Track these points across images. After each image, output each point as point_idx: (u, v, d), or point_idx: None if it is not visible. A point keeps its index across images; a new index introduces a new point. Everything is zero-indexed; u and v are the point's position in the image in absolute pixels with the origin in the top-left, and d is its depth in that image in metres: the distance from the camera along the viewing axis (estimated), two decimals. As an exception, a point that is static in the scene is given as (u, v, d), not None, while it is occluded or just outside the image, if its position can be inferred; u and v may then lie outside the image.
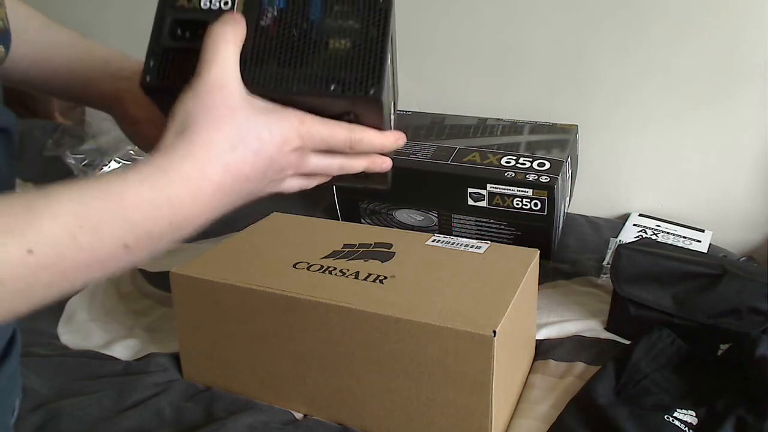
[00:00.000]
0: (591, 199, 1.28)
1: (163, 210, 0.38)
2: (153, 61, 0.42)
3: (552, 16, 1.21)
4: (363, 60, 0.41)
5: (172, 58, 0.42)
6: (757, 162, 1.17)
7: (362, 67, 0.41)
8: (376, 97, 0.41)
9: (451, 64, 1.32)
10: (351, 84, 0.41)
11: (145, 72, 0.42)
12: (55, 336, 0.89)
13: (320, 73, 0.42)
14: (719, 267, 0.83)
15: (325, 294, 0.69)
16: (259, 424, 0.71)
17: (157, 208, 0.38)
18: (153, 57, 0.42)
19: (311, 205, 1.28)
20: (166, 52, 0.42)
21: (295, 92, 0.42)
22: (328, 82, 0.41)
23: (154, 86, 0.42)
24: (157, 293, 0.99)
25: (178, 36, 0.43)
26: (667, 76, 1.17)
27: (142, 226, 0.37)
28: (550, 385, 0.78)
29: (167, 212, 0.38)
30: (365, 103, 0.42)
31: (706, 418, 0.68)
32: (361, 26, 0.42)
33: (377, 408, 0.70)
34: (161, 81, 0.42)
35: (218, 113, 0.40)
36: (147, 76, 0.42)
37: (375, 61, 0.41)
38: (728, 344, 0.79)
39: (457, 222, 1.10)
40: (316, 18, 0.42)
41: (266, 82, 0.42)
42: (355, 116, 0.44)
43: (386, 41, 0.42)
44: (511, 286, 0.70)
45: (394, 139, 0.48)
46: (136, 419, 0.72)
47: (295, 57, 0.42)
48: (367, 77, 0.41)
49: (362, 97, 0.41)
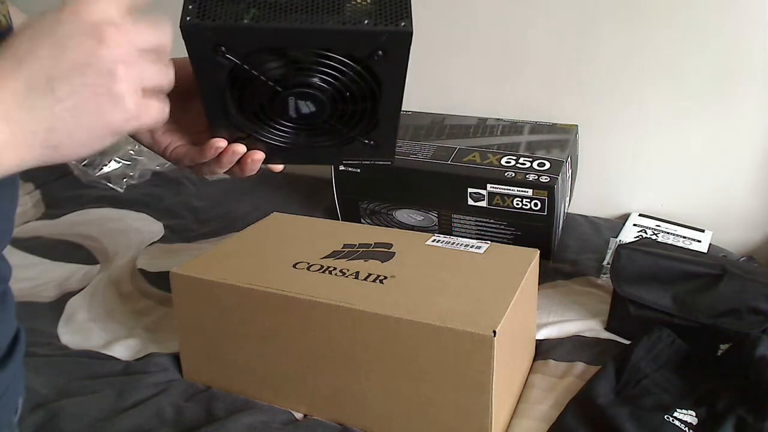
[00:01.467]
0: (591, 199, 1.28)
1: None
2: (191, 3, 0.43)
3: (552, 16, 1.21)
4: (389, 5, 0.44)
5: (209, 3, 0.43)
6: (757, 162, 1.17)
7: (390, 7, 0.44)
8: (406, 29, 0.43)
9: (451, 64, 1.32)
10: (382, 19, 0.43)
11: (184, 14, 0.43)
12: (55, 336, 0.89)
13: (349, 15, 0.43)
14: (719, 267, 0.83)
15: (325, 294, 0.69)
16: (259, 424, 0.71)
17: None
18: (191, 1, 0.43)
19: (311, 205, 1.29)
20: None
21: (330, 26, 0.43)
22: (360, 17, 0.43)
23: (194, 25, 0.43)
24: (157, 293, 0.99)
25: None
26: (668, 77, 1.17)
27: None
28: (550, 385, 0.78)
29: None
30: (396, 37, 0.44)
31: (706, 418, 0.68)
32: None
33: (377, 408, 0.70)
34: (200, 18, 0.42)
35: None
36: (187, 16, 0.43)
37: (402, 3, 0.44)
38: (728, 344, 0.79)
39: (457, 222, 1.10)
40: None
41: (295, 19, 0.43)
42: (383, 55, 0.45)
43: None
44: (511, 286, 0.70)
45: None
46: (136, 419, 0.72)
47: (322, 7, 0.43)
48: (397, 13, 0.43)
49: (393, 29, 0.43)
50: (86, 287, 1.01)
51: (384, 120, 0.50)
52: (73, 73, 0.36)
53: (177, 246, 1.16)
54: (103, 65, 0.37)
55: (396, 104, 0.49)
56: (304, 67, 0.46)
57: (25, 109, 0.36)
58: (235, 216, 1.24)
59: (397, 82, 0.47)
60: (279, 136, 0.51)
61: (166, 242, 1.17)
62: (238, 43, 0.44)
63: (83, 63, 0.36)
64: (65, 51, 0.36)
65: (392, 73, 0.47)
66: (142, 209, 1.29)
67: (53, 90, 0.36)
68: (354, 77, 0.46)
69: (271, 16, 0.43)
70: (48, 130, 0.36)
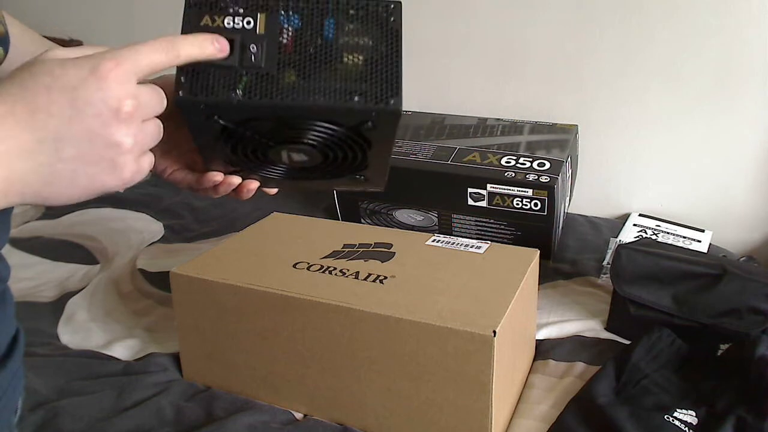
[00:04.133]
0: (591, 199, 1.28)
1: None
2: (184, 77, 0.44)
3: (552, 16, 1.21)
4: (380, 74, 0.44)
5: (203, 73, 0.44)
6: (757, 162, 1.17)
7: (380, 80, 0.44)
8: (395, 108, 0.44)
9: (451, 64, 1.32)
10: (372, 96, 0.44)
11: (177, 87, 0.44)
12: (55, 336, 0.89)
13: (339, 86, 0.44)
14: (719, 267, 0.83)
15: (325, 294, 0.69)
16: (259, 424, 0.71)
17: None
18: (184, 74, 0.44)
19: (311, 205, 1.29)
20: (195, 67, 0.44)
21: (322, 104, 0.44)
22: (351, 94, 0.44)
23: (188, 101, 0.44)
24: (157, 293, 0.99)
25: None
26: (668, 76, 1.17)
27: None
28: (550, 385, 0.78)
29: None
30: (385, 115, 0.44)
31: (706, 418, 0.68)
32: (374, 44, 0.45)
33: (377, 408, 0.70)
34: (194, 95, 0.44)
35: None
36: (180, 91, 0.44)
37: (392, 75, 0.44)
38: (728, 344, 0.79)
39: (457, 222, 1.10)
40: (331, 36, 0.45)
41: (287, 94, 0.44)
42: (372, 125, 0.46)
43: (399, 56, 0.45)
44: (511, 286, 0.70)
45: None
46: (136, 419, 0.72)
47: (313, 71, 0.44)
48: (386, 89, 0.44)
49: (383, 108, 0.44)
50: (86, 287, 1.01)
51: (375, 161, 0.51)
52: (83, 139, 0.37)
53: (177, 246, 1.16)
54: (113, 138, 0.38)
55: (387, 153, 0.50)
56: (296, 126, 0.47)
57: (29, 162, 0.36)
58: (235, 216, 1.24)
59: (387, 141, 0.49)
60: (272, 174, 0.53)
61: (166, 242, 1.17)
62: (231, 114, 0.45)
63: (95, 132, 0.37)
64: (82, 117, 0.37)
65: (382, 137, 0.48)
66: (142, 209, 1.29)
67: (59, 150, 0.37)
68: (344, 138, 0.47)
69: (261, 87, 0.43)
70: (44, 184, 0.37)
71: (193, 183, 0.53)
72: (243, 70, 0.43)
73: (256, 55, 0.44)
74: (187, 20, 0.44)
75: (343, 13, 0.45)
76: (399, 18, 0.45)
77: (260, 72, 0.44)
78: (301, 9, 0.45)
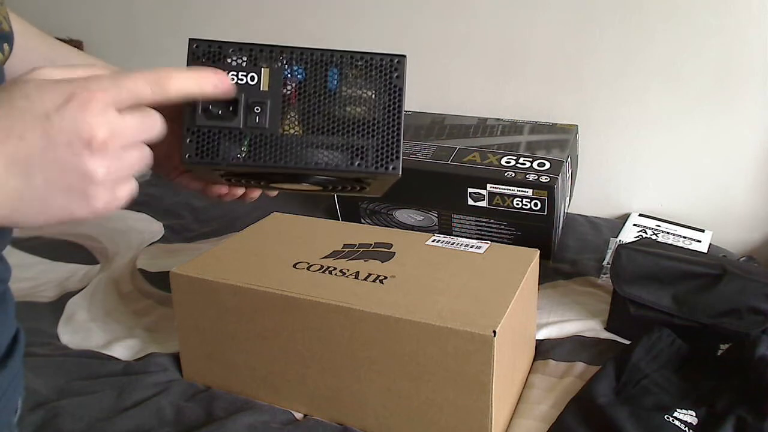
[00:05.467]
0: (591, 199, 1.28)
1: None
2: (190, 138, 0.45)
3: (552, 16, 1.21)
4: (381, 134, 0.45)
5: (208, 135, 0.45)
6: (757, 162, 1.17)
7: (381, 141, 0.45)
8: (395, 173, 0.45)
9: (451, 64, 1.32)
10: (372, 160, 0.45)
11: (184, 150, 0.45)
12: (55, 336, 0.89)
13: (341, 142, 0.45)
14: (719, 267, 0.83)
15: (325, 294, 0.69)
16: (259, 424, 0.71)
17: None
18: (189, 135, 0.45)
19: (311, 205, 1.29)
20: (200, 129, 0.45)
21: (323, 166, 0.45)
22: (352, 156, 0.45)
23: (193, 162, 0.45)
24: (157, 293, 0.99)
25: (210, 113, 0.45)
26: (668, 76, 1.17)
27: None
28: (550, 385, 0.78)
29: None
30: (384, 177, 0.46)
31: (706, 418, 0.68)
32: (377, 98, 0.45)
33: (377, 408, 0.70)
34: (200, 158, 0.45)
35: None
36: (186, 154, 0.45)
37: (392, 136, 0.45)
38: (728, 344, 0.79)
39: (457, 222, 1.10)
40: (334, 86, 0.45)
41: (290, 156, 0.45)
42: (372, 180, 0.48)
43: (401, 115, 0.46)
44: (511, 286, 0.70)
45: None
46: (136, 419, 0.72)
47: (316, 123, 0.45)
48: (387, 153, 0.45)
49: (383, 173, 0.45)
50: (86, 287, 1.01)
51: (373, 189, 0.53)
52: (53, 168, 0.36)
53: (177, 246, 1.16)
54: (84, 168, 0.37)
55: (386, 186, 0.52)
56: (297, 177, 0.48)
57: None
58: (235, 216, 1.24)
59: (387, 183, 0.50)
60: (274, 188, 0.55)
61: (166, 242, 1.17)
62: (235, 171, 0.47)
63: (66, 161, 0.36)
64: (54, 146, 0.36)
65: (381, 183, 0.49)
66: (142, 209, 1.29)
67: (29, 176, 0.36)
68: (343, 182, 0.49)
69: (265, 149, 0.45)
70: (12, 210, 0.37)
71: (198, 189, 0.55)
72: (247, 131, 0.44)
73: (260, 116, 0.44)
74: None
75: (348, 65, 0.45)
76: (403, 74, 0.46)
77: (264, 133, 0.44)
78: (305, 60, 0.45)
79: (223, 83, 0.42)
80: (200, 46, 0.45)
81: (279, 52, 0.45)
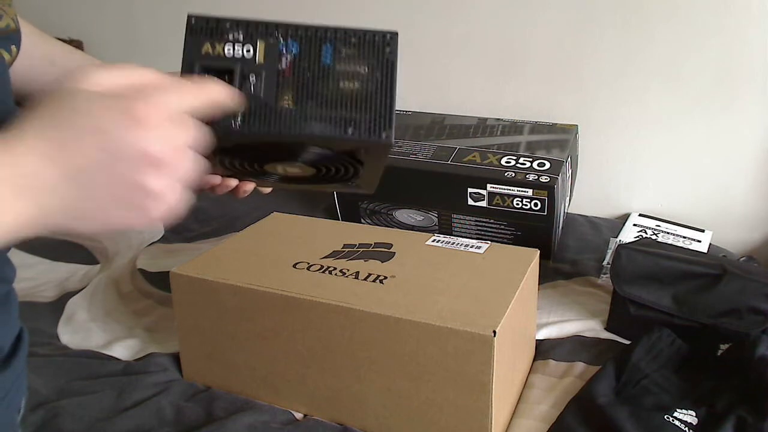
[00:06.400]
0: (591, 199, 1.28)
1: None
2: None
3: (552, 16, 1.21)
4: (374, 105, 0.46)
5: None
6: (757, 162, 1.17)
7: (374, 112, 0.46)
8: (388, 142, 0.45)
9: (451, 64, 1.32)
10: (366, 129, 0.45)
11: None
12: (55, 336, 0.89)
13: (334, 114, 0.45)
14: (719, 267, 0.83)
15: (325, 294, 0.69)
16: (259, 424, 0.71)
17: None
18: None
19: (311, 205, 1.29)
20: None
21: (317, 134, 0.45)
22: (345, 124, 0.45)
23: None
24: (157, 293, 0.99)
25: None
26: (668, 77, 1.17)
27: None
28: (550, 385, 0.78)
29: None
30: (377, 146, 0.46)
31: (706, 418, 0.68)
32: (370, 73, 0.46)
33: (377, 408, 0.70)
34: None
35: None
36: None
37: (385, 107, 0.46)
38: (728, 344, 0.79)
39: (457, 222, 1.10)
40: (328, 62, 0.46)
41: (284, 124, 0.45)
42: (364, 153, 0.48)
43: (393, 88, 0.46)
44: (511, 286, 0.70)
45: None
46: (136, 419, 0.72)
47: (310, 96, 0.45)
48: (379, 122, 0.45)
49: (376, 140, 0.45)
50: (86, 287, 1.01)
51: (367, 174, 0.53)
52: (111, 182, 0.37)
53: (177, 246, 1.16)
54: (142, 183, 0.37)
55: (379, 168, 0.52)
56: (291, 149, 0.48)
57: (55, 199, 0.36)
58: (235, 216, 1.24)
59: (379, 161, 0.50)
60: (268, 179, 0.55)
61: (166, 242, 1.17)
62: (230, 139, 0.46)
63: (124, 176, 0.37)
64: (111, 161, 0.36)
65: (374, 159, 0.49)
66: (142, 209, 1.29)
67: (86, 188, 0.36)
68: (337, 159, 0.49)
69: (260, 116, 0.45)
70: (70, 219, 0.37)
71: None
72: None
73: (256, 86, 0.45)
74: (189, 48, 0.45)
75: (341, 41, 0.46)
76: (395, 49, 0.46)
77: (259, 102, 0.45)
78: (300, 36, 0.46)
79: None
80: (198, 21, 0.45)
81: (274, 27, 0.46)
